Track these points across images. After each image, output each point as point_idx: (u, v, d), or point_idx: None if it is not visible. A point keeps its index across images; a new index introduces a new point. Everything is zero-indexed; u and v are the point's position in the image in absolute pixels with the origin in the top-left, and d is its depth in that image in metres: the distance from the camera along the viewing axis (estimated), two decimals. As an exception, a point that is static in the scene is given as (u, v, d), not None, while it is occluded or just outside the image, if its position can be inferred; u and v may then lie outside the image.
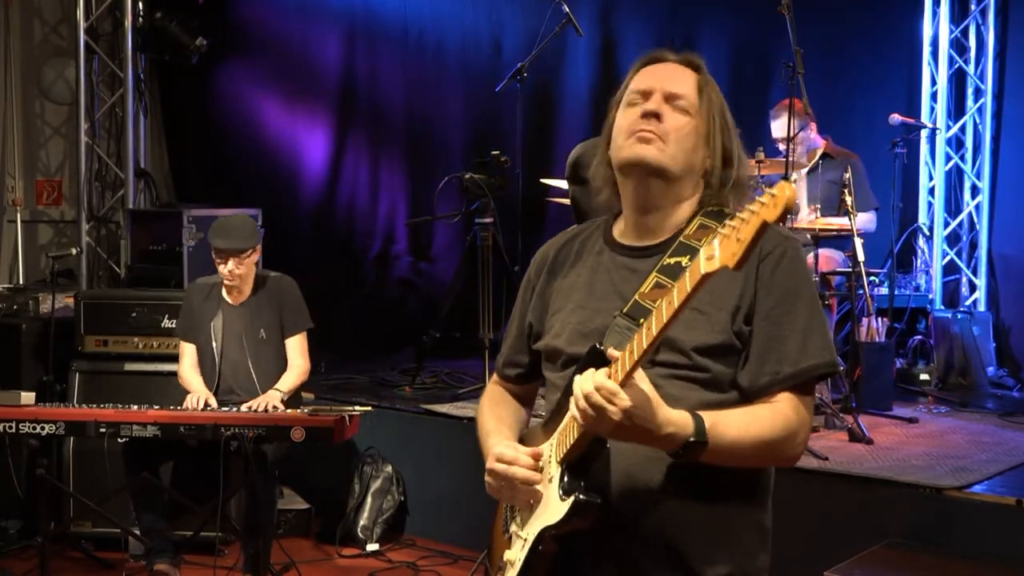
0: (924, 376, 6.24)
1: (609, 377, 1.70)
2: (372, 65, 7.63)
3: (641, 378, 1.72)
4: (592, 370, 1.73)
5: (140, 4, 7.01)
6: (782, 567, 4.01)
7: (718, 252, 1.58)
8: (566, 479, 1.82)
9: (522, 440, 2.06)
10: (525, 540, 1.91)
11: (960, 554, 3.77)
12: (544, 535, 1.86)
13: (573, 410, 1.75)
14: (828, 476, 4.16)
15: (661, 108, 1.94)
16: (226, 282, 4.72)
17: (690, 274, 1.62)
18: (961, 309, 6.61)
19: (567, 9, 6.04)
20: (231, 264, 4.65)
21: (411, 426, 5.52)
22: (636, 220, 2.01)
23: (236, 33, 7.63)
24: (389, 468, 5.36)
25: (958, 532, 3.93)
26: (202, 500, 4.52)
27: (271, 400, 4.55)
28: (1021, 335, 6.50)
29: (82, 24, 6.87)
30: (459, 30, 7.45)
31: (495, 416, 2.15)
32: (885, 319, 5.85)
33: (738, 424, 1.81)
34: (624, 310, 1.87)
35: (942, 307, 6.67)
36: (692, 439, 1.75)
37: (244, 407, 4.52)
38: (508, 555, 1.97)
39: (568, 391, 1.81)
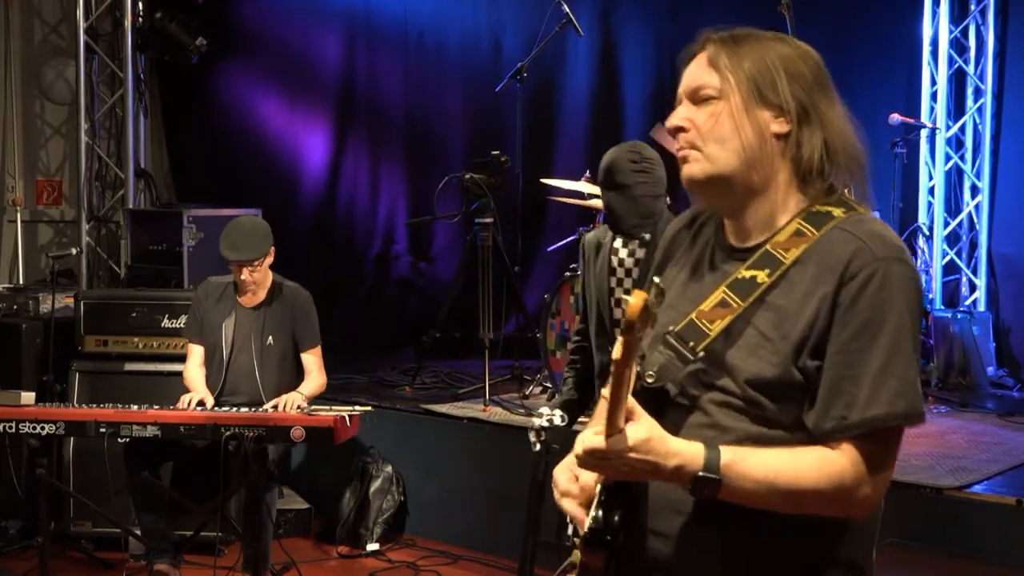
0: (924, 376, 6.24)
1: (600, 430, 1.57)
2: (372, 65, 7.64)
3: (635, 419, 1.57)
4: (587, 431, 1.61)
5: (140, 4, 7.02)
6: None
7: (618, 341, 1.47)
8: (599, 512, 1.69)
9: None
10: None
11: (960, 554, 3.77)
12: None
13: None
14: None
15: (684, 115, 1.72)
16: (244, 289, 4.72)
17: (625, 326, 1.49)
18: (961, 309, 6.61)
19: (567, 9, 6.04)
20: (244, 273, 4.63)
21: (411, 426, 5.52)
22: (730, 223, 1.78)
23: (236, 33, 7.63)
24: (389, 468, 5.36)
25: (958, 532, 3.93)
26: (202, 500, 4.52)
27: (295, 400, 4.55)
28: (1021, 335, 6.49)
29: (82, 24, 6.87)
30: (459, 30, 7.45)
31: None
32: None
33: (767, 466, 1.60)
34: (676, 329, 1.70)
35: (942, 307, 6.66)
36: (700, 474, 1.58)
37: (269, 405, 4.52)
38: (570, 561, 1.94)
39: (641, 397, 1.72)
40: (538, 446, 3.49)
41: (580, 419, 3.79)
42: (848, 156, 1.71)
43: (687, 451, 1.59)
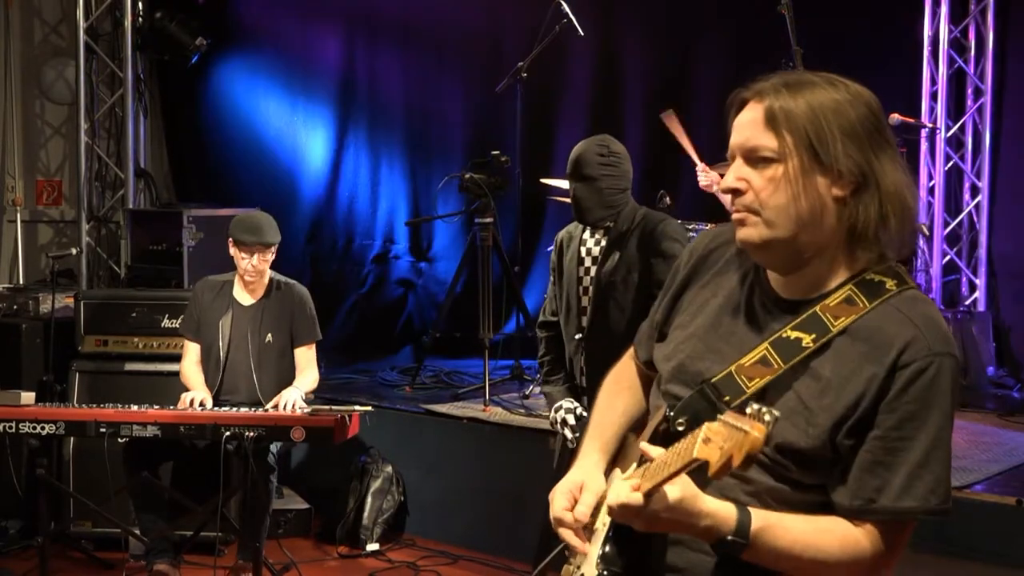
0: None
1: (637, 487, 1.58)
2: (372, 65, 7.63)
3: (674, 481, 1.56)
4: (622, 484, 1.62)
5: (140, 4, 7.02)
6: (782, 567, 4.01)
7: (714, 442, 1.45)
8: (606, 548, 1.72)
9: (622, 448, 1.94)
10: (578, 569, 1.84)
11: (960, 554, 3.77)
12: None
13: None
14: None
15: (739, 177, 1.69)
16: (247, 277, 4.71)
17: (687, 449, 1.49)
18: (961, 309, 6.61)
19: (567, 9, 6.04)
20: (256, 259, 4.64)
21: (411, 426, 5.52)
22: (777, 277, 1.76)
23: (236, 33, 7.63)
24: (389, 468, 5.36)
25: (958, 532, 3.92)
26: (202, 500, 4.52)
27: (294, 400, 4.55)
28: (1021, 335, 6.49)
29: (82, 24, 6.87)
30: (459, 30, 7.45)
31: (607, 407, 2.00)
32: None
33: (794, 539, 1.63)
34: (714, 379, 1.70)
35: (942, 307, 6.67)
36: (730, 538, 1.60)
37: (270, 405, 4.53)
38: (565, 570, 1.92)
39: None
40: (574, 442, 3.51)
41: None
42: (901, 221, 1.69)
43: (719, 512, 1.60)
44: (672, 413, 1.70)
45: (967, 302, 6.75)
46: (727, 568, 1.69)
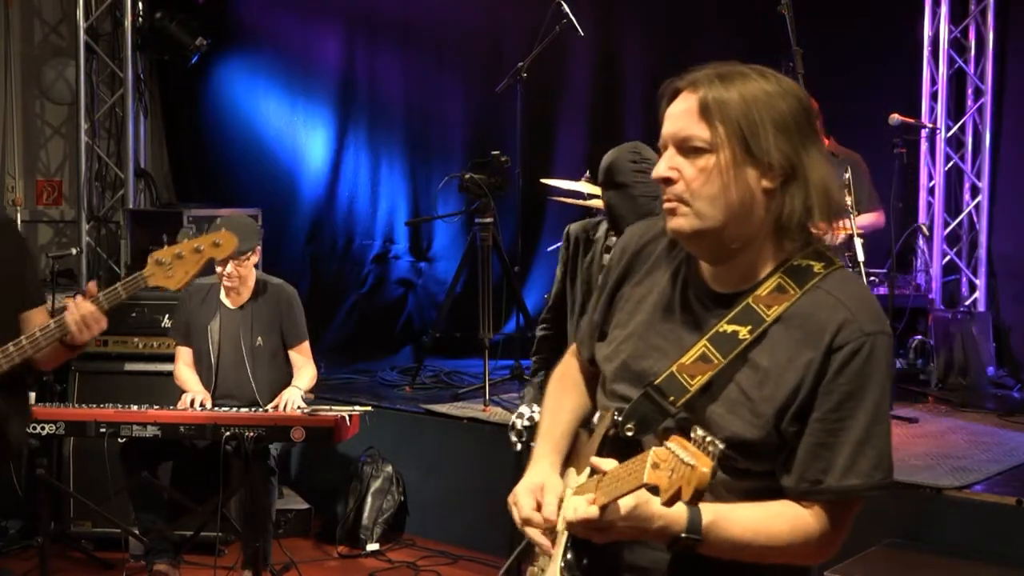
0: (924, 376, 6.24)
1: (593, 501, 1.64)
2: (372, 65, 7.64)
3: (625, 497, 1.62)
4: (578, 500, 1.67)
5: (140, 4, 7.02)
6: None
7: (662, 468, 1.49)
8: (569, 555, 1.76)
9: (573, 446, 1.97)
10: (542, 572, 1.87)
11: (960, 554, 3.77)
12: None
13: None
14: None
15: (671, 167, 1.71)
16: (225, 284, 4.69)
17: (636, 472, 1.54)
18: (961, 309, 6.61)
19: (567, 9, 6.04)
20: (230, 267, 4.60)
21: (411, 426, 5.52)
22: (708, 269, 1.79)
23: (236, 33, 7.63)
24: (389, 468, 5.36)
25: (958, 532, 3.93)
26: (202, 500, 4.52)
27: (294, 399, 4.54)
28: (1021, 335, 6.49)
29: (82, 24, 6.87)
30: (459, 30, 7.45)
31: (556, 407, 2.03)
32: (885, 319, 5.85)
33: (746, 524, 1.67)
34: (658, 381, 1.73)
35: (942, 307, 6.67)
36: (683, 535, 1.64)
37: (271, 406, 4.52)
38: (530, 572, 1.96)
39: (599, 431, 1.78)
40: (519, 446, 3.50)
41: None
42: (827, 209, 1.71)
43: (670, 513, 1.63)
44: (620, 418, 1.73)
45: (967, 302, 6.76)
46: (685, 563, 1.72)
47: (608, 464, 1.66)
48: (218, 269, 4.63)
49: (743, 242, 1.71)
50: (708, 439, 1.47)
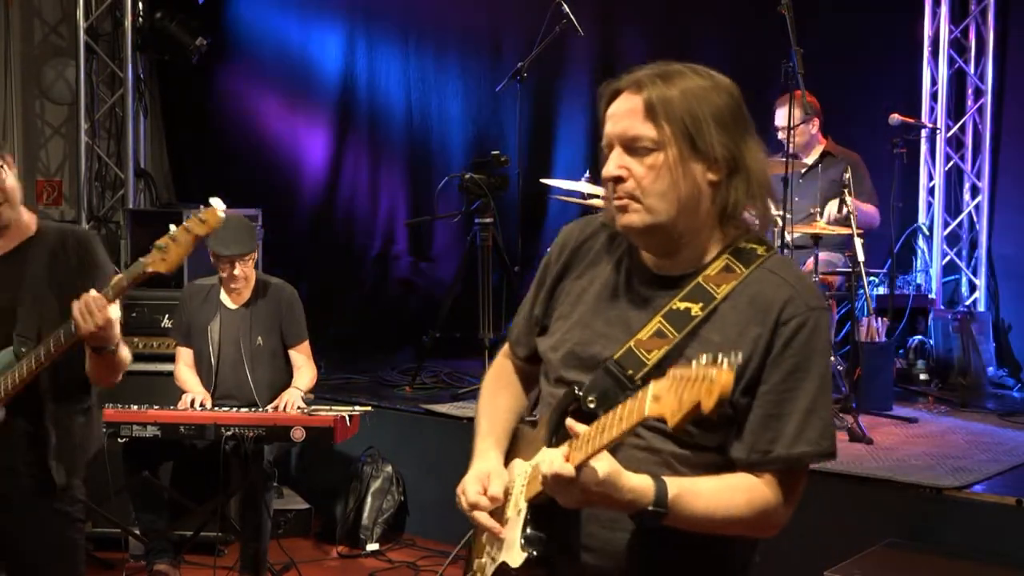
0: (924, 376, 6.24)
1: (568, 458, 1.66)
2: (372, 65, 7.64)
3: (599, 457, 1.66)
4: (554, 453, 1.70)
5: (140, 4, 7.02)
6: (782, 567, 4.01)
7: (666, 399, 1.53)
8: (528, 530, 1.80)
9: (513, 442, 2.03)
10: (493, 561, 1.90)
11: (960, 554, 3.77)
12: (504, 569, 1.84)
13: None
14: (828, 476, 4.16)
15: (621, 166, 1.78)
16: (233, 285, 4.68)
17: (635, 410, 1.58)
18: (961, 309, 6.61)
19: (567, 9, 6.04)
20: (237, 268, 4.61)
21: (411, 426, 5.52)
22: (652, 258, 1.87)
23: (236, 33, 7.64)
24: (389, 468, 5.36)
25: (958, 532, 3.93)
26: (202, 500, 4.52)
27: (294, 399, 4.55)
28: (1021, 335, 6.50)
29: (82, 24, 6.88)
30: (459, 30, 7.45)
31: (492, 407, 2.09)
32: (885, 319, 5.85)
33: (708, 497, 1.73)
34: (616, 356, 1.79)
35: (942, 307, 6.67)
36: (650, 508, 1.69)
37: (270, 408, 4.52)
38: (477, 564, 1.99)
39: (557, 409, 1.81)
40: None
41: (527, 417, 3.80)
42: (764, 198, 1.83)
43: (639, 487, 1.68)
44: (582, 392, 1.78)
45: (967, 302, 6.76)
46: (636, 543, 1.79)
47: (582, 427, 1.69)
48: (223, 274, 4.64)
49: (691, 233, 1.80)
50: (720, 357, 1.51)
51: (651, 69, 1.82)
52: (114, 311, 2.82)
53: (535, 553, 1.78)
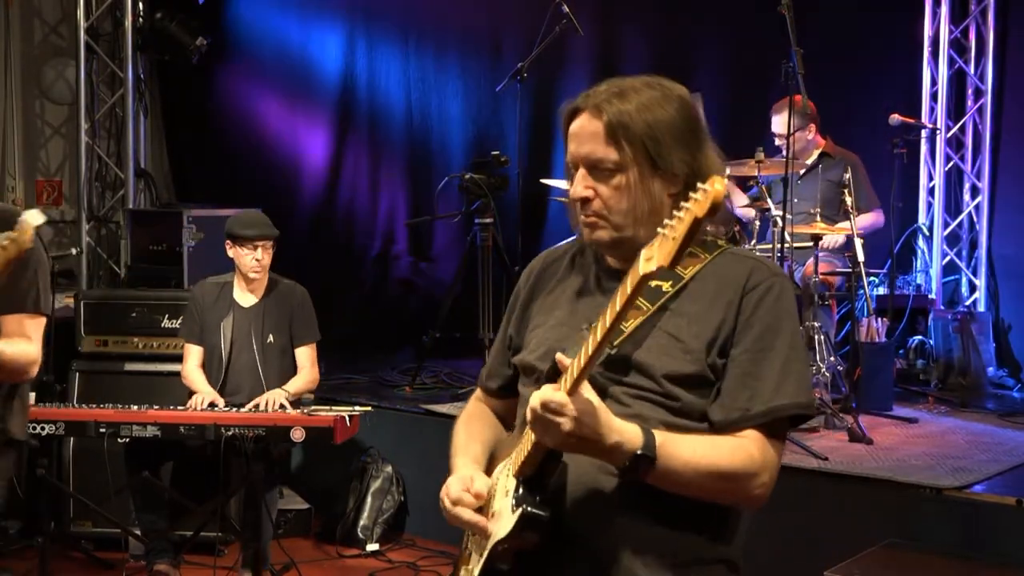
0: (924, 376, 6.24)
1: (559, 388, 1.70)
2: (372, 65, 7.64)
3: (586, 388, 1.71)
4: (546, 385, 1.73)
5: (140, 4, 7.01)
6: (782, 567, 4.02)
7: (656, 252, 1.59)
8: (520, 491, 1.81)
9: (494, 453, 2.04)
10: (481, 555, 1.90)
11: (960, 554, 3.77)
12: (497, 549, 1.84)
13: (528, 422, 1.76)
14: (828, 476, 4.16)
15: (587, 187, 1.89)
16: (251, 274, 4.71)
17: (631, 276, 1.64)
18: (961, 309, 6.61)
19: (567, 9, 6.04)
20: (259, 252, 4.67)
21: (411, 426, 5.52)
22: (619, 263, 1.96)
23: (236, 33, 7.63)
24: (389, 468, 5.37)
25: (958, 532, 3.93)
26: (202, 500, 4.52)
27: (277, 398, 4.55)
28: (1021, 335, 6.49)
29: (82, 24, 6.87)
30: (459, 30, 7.45)
31: (467, 431, 2.13)
32: (885, 319, 5.86)
33: (693, 448, 1.78)
34: (594, 324, 1.81)
35: (942, 307, 6.67)
36: (639, 452, 1.72)
37: (250, 405, 4.53)
38: (465, 571, 1.97)
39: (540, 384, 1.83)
40: None
41: None
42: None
43: (627, 430, 1.74)
44: (564, 351, 1.79)
45: (967, 302, 6.76)
46: (627, 517, 1.81)
47: (569, 361, 1.73)
48: (247, 258, 4.64)
49: (654, 238, 1.84)
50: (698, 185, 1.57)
51: (606, 87, 1.92)
52: None
53: (528, 508, 1.78)
